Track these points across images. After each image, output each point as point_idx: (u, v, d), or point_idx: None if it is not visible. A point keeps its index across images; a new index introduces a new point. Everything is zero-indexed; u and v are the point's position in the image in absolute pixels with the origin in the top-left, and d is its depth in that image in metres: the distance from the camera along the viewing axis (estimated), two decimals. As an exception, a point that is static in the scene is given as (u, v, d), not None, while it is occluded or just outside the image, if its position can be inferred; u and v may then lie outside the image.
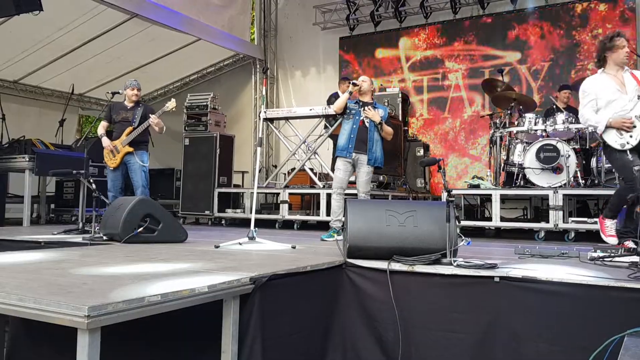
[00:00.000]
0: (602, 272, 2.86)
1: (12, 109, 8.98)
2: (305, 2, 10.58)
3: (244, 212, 7.59)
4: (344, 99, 5.22)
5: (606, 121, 3.99)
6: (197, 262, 3.15)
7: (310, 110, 7.34)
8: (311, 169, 7.34)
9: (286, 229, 7.02)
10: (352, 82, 5.23)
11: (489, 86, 7.39)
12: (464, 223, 5.91)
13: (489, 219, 6.33)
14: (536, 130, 6.10)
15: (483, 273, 2.84)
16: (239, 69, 11.20)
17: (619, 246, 3.87)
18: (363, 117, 5.14)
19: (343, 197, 5.11)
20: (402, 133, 7.89)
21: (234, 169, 8.64)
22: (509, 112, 6.50)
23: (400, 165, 7.79)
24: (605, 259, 3.24)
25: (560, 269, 2.94)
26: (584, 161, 6.15)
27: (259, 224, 4.84)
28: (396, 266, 3.02)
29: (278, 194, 7.59)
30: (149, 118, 5.70)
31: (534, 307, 2.68)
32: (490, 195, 6.00)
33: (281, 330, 2.67)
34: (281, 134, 7.90)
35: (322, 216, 6.82)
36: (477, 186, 6.28)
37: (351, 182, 5.45)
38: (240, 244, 4.22)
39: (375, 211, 3.28)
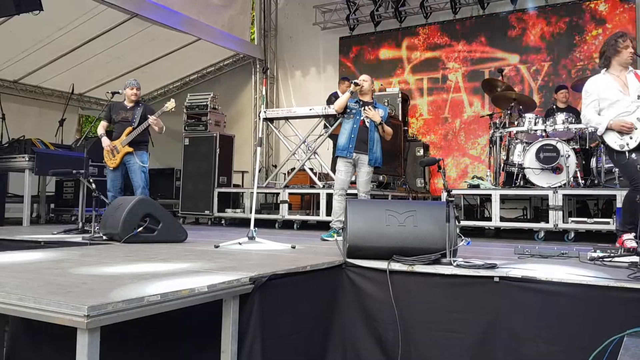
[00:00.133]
0: (601, 272, 2.86)
1: (12, 108, 8.99)
2: (305, 2, 10.58)
3: (243, 212, 7.59)
4: (345, 98, 5.21)
5: (606, 123, 3.98)
6: (197, 262, 3.15)
7: (310, 110, 7.34)
8: (311, 169, 7.34)
9: (286, 228, 7.02)
10: (353, 82, 5.22)
11: (488, 86, 7.39)
12: (463, 223, 5.91)
13: (489, 219, 6.33)
14: (536, 131, 6.10)
15: (483, 273, 2.84)
16: (239, 68, 11.21)
17: (617, 245, 3.87)
18: (364, 117, 5.13)
19: (345, 198, 5.11)
20: (402, 133, 7.89)
21: (233, 168, 8.64)
22: (508, 112, 6.50)
23: (400, 165, 7.79)
24: (605, 259, 3.24)
25: (560, 269, 2.94)
26: (583, 161, 6.14)
27: (259, 223, 4.84)
28: (396, 266, 3.03)
29: (278, 193, 7.59)
30: (149, 118, 5.70)
31: (534, 307, 2.68)
32: (490, 195, 6.00)
33: (281, 330, 2.67)
34: (281, 134, 7.90)
35: (322, 216, 6.82)
36: (476, 186, 6.28)
37: (352, 182, 5.45)
38: (240, 243, 4.22)
39: (375, 211, 3.28)
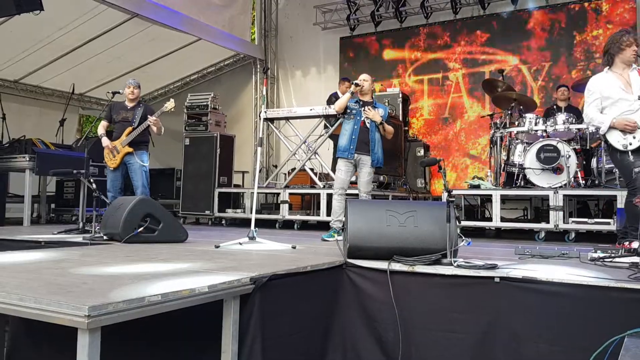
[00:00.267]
0: (602, 272, 2.85)
1: (13, 108, 8.99)
2: (306, 2, 10.58)
3: (244, 212, 7.59)
4: (345, 99, 5.21)
5: (610, 122, 3.94)
6: (197, 262, 3.15)
7: (311, 110, 7.34)
8: (311, 169, 7.34)
9: (286, 229, 7.02)
10: (354, 83, 5.21)
11: (489, 86, 7.39)
12: (464, 223, 5.91)
13: (489, 219, 6.33)
14: (536, 131, 6.10)
15: (483, 273, 2.84)
16: (239, 68, 11.21)
17: (619, 246, 3.86)
18: (364, 118, 5.13)
19: (344, 197, 5.11)
20: (403, 133, 7.89)
21: (234, 169, 8.64)
22: (509, 112, 6.50)
23: (400, 165, 7.79)
24: (606, 260, 3.23)
25: (560, 269, 2.93)
26: (584, 161, 6.14)
27: (259, 224, 4.84)
28: (396, 266, 3.02)
29: (278, 194, 7.59)
30: (148, 119, 5.69)
31: (534, 308, 2.68)
32: (491, 195, 6.00)
33: (281, 330, 2.67)
34: (281, 134, 7.90)
35: (323, 216, 6.82)
36: (477, 186, 6.28)
37: (352, 183, 5.45)
38: (241, 244, 4.22)
39: (375, 211, 3.28)
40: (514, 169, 6.17)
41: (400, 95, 8.21)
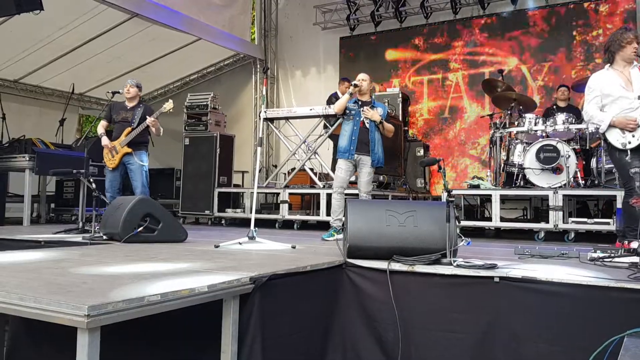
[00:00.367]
0: (602, 272, 2.86)
1: (13, 108, 8.99)
2: (306, 2, 10.58)
3: (244, 212, 7.59)
4: (344, 100, 5.21)
5: (609, 120, 3.92)
6: (197, 261, 3.15)
7: (311, 110, 7.34)
8: (311, 169, 7.34)
9: (286, 228, 7.02)
10: (353, 84, 5.22)
11: (489, 86, 7.39)
12: (463, 223, 5.91)
13: (489, 219, 6.33)
14: (536, 131, 6.10)
15: (483, 273, 2.84)
16: (239, 68, 11.21)
17: (619, 245, 3.86)
18: (363, 118, 5.13)
19: (344, 196, 5.12)
20: (402, 133, 7.89)
21: (234, 168, 8.64)
22: (509, 112, 6.50)
23: (400, 165, 7.79)
24: (605, 260, 3.23)
25: (560, 269, 2.94)
26: (583, 162, 6.14)
27: (259, 223, 4.84)
28: (396, 266, 3.02)
29: (278, 193, 7.59)
30: (146, 119, 5.68)
31: (534, 308, 2.68)
32: (490, 195, 6.00)
33: (281, 330, 2.67)
34: (281, 134, 7.90)
35: (322, 216, 6.83)
36: (477, 186, 6.28)
37: (352, 182, 5.45)
38: (240, 243, 4.22)
39: (375, 211, 3.28)
40: (513, 169, 6.17)
41: (400, 95, 8.21)
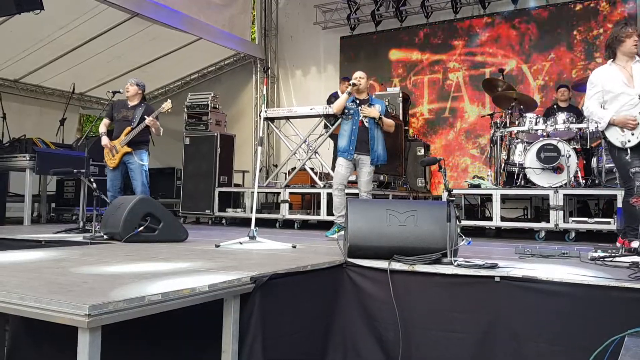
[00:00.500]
0: (602, 272, 2.85)
1: (13, 108, 9.00)
2: (306, 2, 10.58)
3: (244, 212, 7.59)
4: (343, 99, 5.21)
5: (609, 118, 3.88)
6: (198, 261, 3.15)
7: (311, 109, 7.34)
8: (312, 169, 7.35)
9: (286, 228, 7.02)
10: (351, 83, 5.23)
11: (489, 86, 7.39)
12: (464, 223, 5.91)
13: (490, 218, 6.33)
14: (537, 130, 6.10)
15: (483, 273, 2.84)
16: (239, 68, 11.21)
17: (621, 242, 3.85)
18: (362, 117, 5.14)
19: (344, 193, 5.12)
20: (403, 133, 7.89)
21: (234, 168, 8.63)
22: (509, 111, 6.50)
23: (400, 164, 7.79)
24: (606, 259, 3.23)
25: (560, 268, 2.94)
26: (584, 161, 6.14)
27: (260, 223, 4.84)
28: (397, 266, 3.02)
29: (278, 193, 7.59)
30: (145, 119, 5.67)
31: (535, 307, 2.68)
32: (491, 195, 6.00)
33: (281, 329, 2.67)
34: (282, 134, 7.90)
35: (323, 215, 6.83)
36: (477, 186, 6.28)
37: (352, 182, 5.44)
38: (241, 243, 4.22)
39: (376, 211, 3.28)
40: (514, 169, 6.17)
41: (401, 95, 8.20)
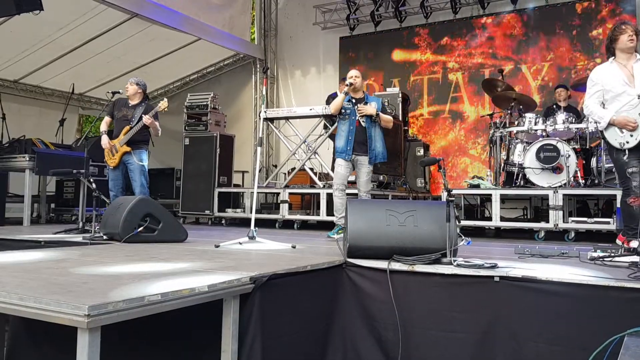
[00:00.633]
0: (602, 272, 2.85)
1: (13, 108, 8.99)
2: (306, 2, 10.58)
3: (244, 212, 7.59)
4: (340, 100, 5.21)
5: (609, 118, 3.86)
6: (197, 261, 3.15)
7: (311, 110, 7.34)
8: (311, 169, 7.34)
9: (286, 228, 7.02)
10: (347, 83, 5.23)
11: (489, 86, 7.39)
12: (464, 223, 5.91)
13: (489, 218, 6.33)
14: (536, 130, 6.10)
15: (483, 273, 2.84)
16: (239, 68, 11.21)
17: (621, 239, 3.85)
18: (359, 117, 5.13)
19: (345, 193, 5.12)
20: (402, 133, 7.89)
21: (234, 168, 8.63)
22: (509, 112, 6.51)
23: (400, 165, 7.79)
24: (605, 259, 3.23)
25: (560, 268, 2.94)
26: (584, 161, 6.15)
27: (259, 223, 4.84)
28: (396, 266, 3.02)
29: (278, 193, 7.59)
30: (142, 118, 5.67)
31: (534, 307, 2.68)
32: (490, 195, 6.00)
33: (281, 329, 2.67)
34: (281, 134, 7.90)
35: (322, 216, 6.83)
36: (477, 186, 6.28)
37: (351, 182, 5.44)
38: (241, 243, 4.23)
39: (375, 211, 3.28)
40: (513, 169, 6.17)
41: (400, 95, 8.20)
